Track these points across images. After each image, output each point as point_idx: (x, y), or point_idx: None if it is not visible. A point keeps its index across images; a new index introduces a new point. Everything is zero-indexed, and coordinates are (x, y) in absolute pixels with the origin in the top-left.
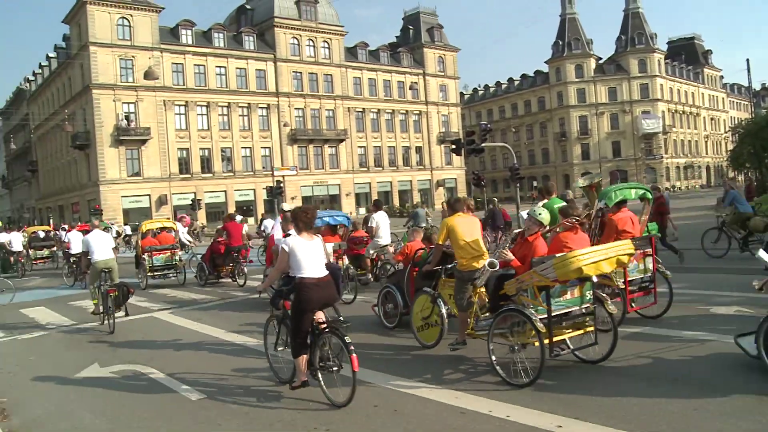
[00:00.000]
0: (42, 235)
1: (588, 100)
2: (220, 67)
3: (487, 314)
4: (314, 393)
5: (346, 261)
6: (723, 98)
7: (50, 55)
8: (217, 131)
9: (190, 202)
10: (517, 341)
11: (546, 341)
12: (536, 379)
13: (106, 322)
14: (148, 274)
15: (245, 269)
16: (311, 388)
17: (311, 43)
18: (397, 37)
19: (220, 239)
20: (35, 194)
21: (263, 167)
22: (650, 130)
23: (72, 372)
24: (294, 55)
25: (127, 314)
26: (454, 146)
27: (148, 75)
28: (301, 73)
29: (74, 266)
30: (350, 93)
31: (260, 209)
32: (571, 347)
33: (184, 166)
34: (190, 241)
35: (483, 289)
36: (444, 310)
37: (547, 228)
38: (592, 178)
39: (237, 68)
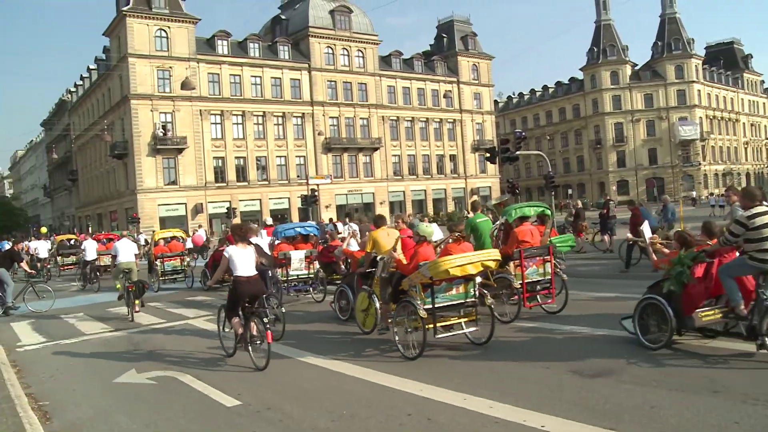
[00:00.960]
0: (69, 243)
1: (624, 107)
2: (255, 76)
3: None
4: (349, 403)
5: (317, 265)
6: (764, 103)
7: (91, 66)
8: (252, 140)
9: (225, 210)
10: (410, 325)
11: (429, 326)
12: (421, 354)
13: (128, 311)
14: (160, 278)
15: None
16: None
17: (345, 52)
18: (431, 45)
19: (221, 248)
20: (75, 202)
21: (298, 176)
22: (687, 137)
23: (110, 377)
24: (328, 64)
25: (143, 305)
26: (488, 154)
27: (184, 85)
28: (335, 82)
29: (88, 271)
30: (384, 101)
31: (294, 217)
32: (465, 330)
33: (220, 174)
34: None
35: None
36: (378, 304)
37: (435, 240)
38: (500, 199)
39: (272, 78)
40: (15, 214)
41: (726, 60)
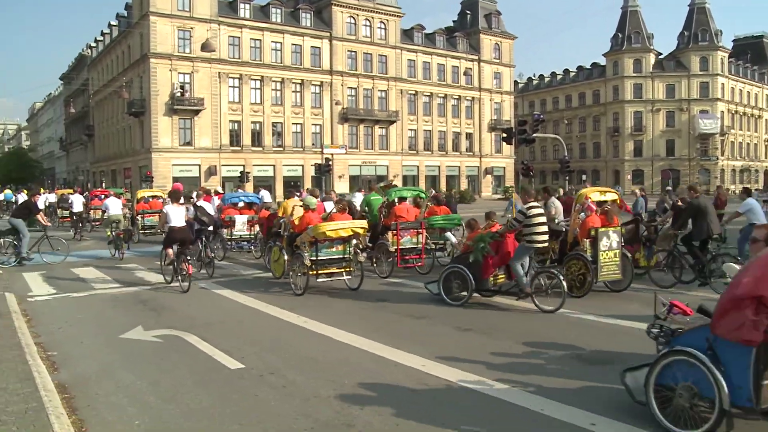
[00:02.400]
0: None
1: (644, 96)
2: (275, 42)
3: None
4: (353, 374)
5: (257, 228)
6: None
7: (112, 23)
8: (269, 106)
9: (239, 174)
10: (300, 271)
11: (312, 272)
12: (305, 291)
13: (116, 253)
14: (140, 230)
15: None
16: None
17: (368, 23)
18: (454, 21)
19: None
20: (90, 157)
21: (313, 144)
22: (707, 131)
23: (117, 332)
24: (350, 34)
25: (129, 248)
26: (505, 135)
27: (205, 47)
28: (356, 52)
29: (76, 222)
30: (404, 75)
31: (307, 184)
32: (344, 278)
33: (235, 138)
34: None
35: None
36: (286, 256)
37: (331, 210)
38: (386, 182)
39: (292, 44)
40: (31, 165)
41: (754, 54)
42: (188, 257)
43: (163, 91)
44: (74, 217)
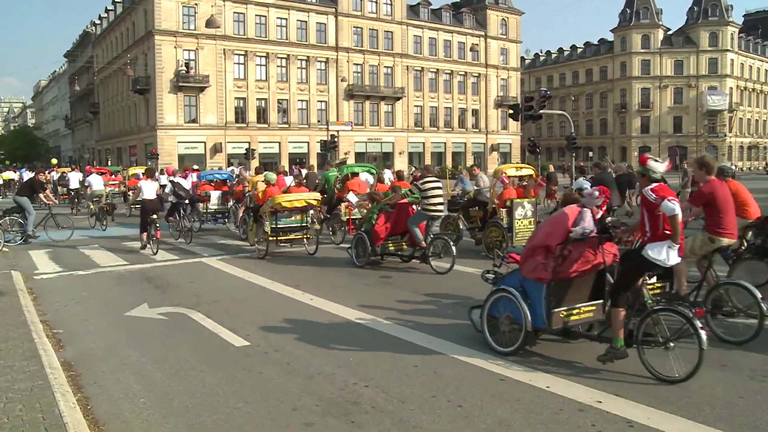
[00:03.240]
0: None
1: (652, 72)
2: (281, 18)
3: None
4: (357, 351)
5: (231, 203)
6: None
7: None
8: (275, 82)
9: (245, 151)
10: (262, 238)
11: (273, 238)
12: (266, 255)
13: (97, 224)
14: (131, 206)
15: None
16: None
17: None
18: None
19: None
20: (96, 135)
21: (318, 121)
22: (715, 107)
23: (122, 310)
24: (356, 9)
25: (113, 220)
26: (511, 111)
27: (209, 23)
28: (361, 28)
29: (73, 198)
30: (410, 51)
31: (313, 161)
32: (305, 246)
33: (241, 115)
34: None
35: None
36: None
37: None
38: (341, 159)
39: (298, 20)
40: (36, 143)
41: (765, 29)
42: (157, 225)
43: (168, 68)
44: (71, 194)
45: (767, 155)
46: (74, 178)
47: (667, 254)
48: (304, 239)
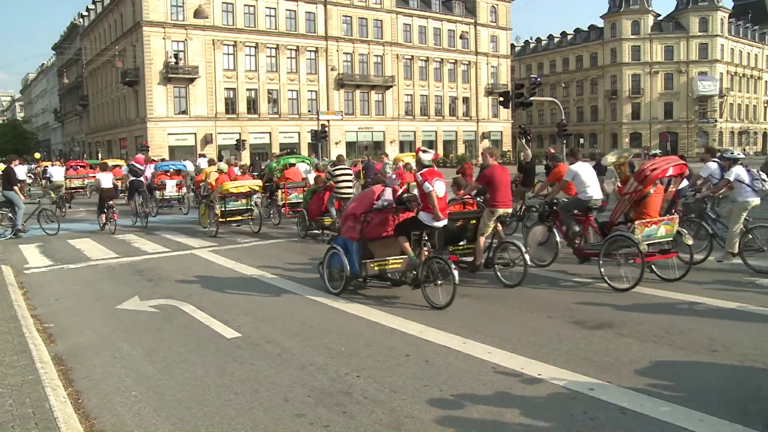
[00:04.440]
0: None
1: (642, 58)
2: (269, 8)
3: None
4: (349, 341)
5: (184, 190)
6: None
7: None
8: (265, 72)
9: (235, 142)
10: (213, 219)
11: (222, 220)
12: (217, 234)
13: (58, 211)
14: (91, 192)
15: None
16: (334, 341)
17: None
18: None
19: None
20: (86, 128)
21: (309, 110)
22: (706, 93)
23: (113, 303)
24: None
25: (70, 207)
26: (501, 98)
27: (198, 13)
28: (351, 17)
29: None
30: (399, 39)
31: (304, 151)
32: (251, 224)
33: (231, 106)
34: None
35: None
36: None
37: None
38: (284, 151)
39: (287, 10)
40: (26, 137)
41: (755, 14)
42: (114, 208)
43: (157, 60)
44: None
45: (758, 140)
46: (57, 172)
47: (430, 219)
48: (249, 220)
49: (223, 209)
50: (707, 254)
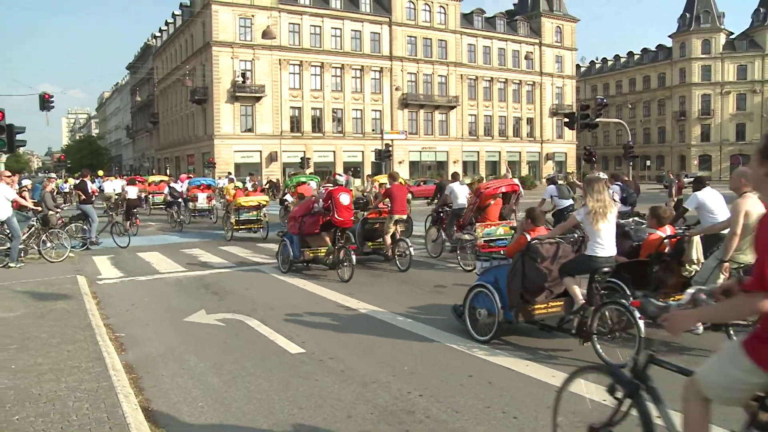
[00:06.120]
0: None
1: (713, 78)
2: (335, 28)
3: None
4: (412, 360)
5: (213, 202)
6: None
7: (176, 12)
8: (330, 92)
9: (299, 160)
10: (229, 228)
11: (236, 227)
12: (232, 238)
13: (128, 225)
14: (151, 206)
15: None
16: (404, 351)
17: (427, 8)
18: (514, 4)
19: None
20: (155, 144)
21: (372, 129)
22: None
23: (181, 315)
24: (410, 19)
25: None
26: (567, 120)
27: (265, 34)
28: (415, 37)
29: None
30: (464, 60)
31: (367, 171)
32: (257, 234)
33: (296, 124)
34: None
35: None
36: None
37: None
38: (296, 170)
39: (352, 30)
40: (100, 153)
41: None
42: (137, 215)
43: (225, 79)
44: (109, 200)
45: None
46: (108, 187)
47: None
48: (259, 228)
49: (237, 219)
50: None
